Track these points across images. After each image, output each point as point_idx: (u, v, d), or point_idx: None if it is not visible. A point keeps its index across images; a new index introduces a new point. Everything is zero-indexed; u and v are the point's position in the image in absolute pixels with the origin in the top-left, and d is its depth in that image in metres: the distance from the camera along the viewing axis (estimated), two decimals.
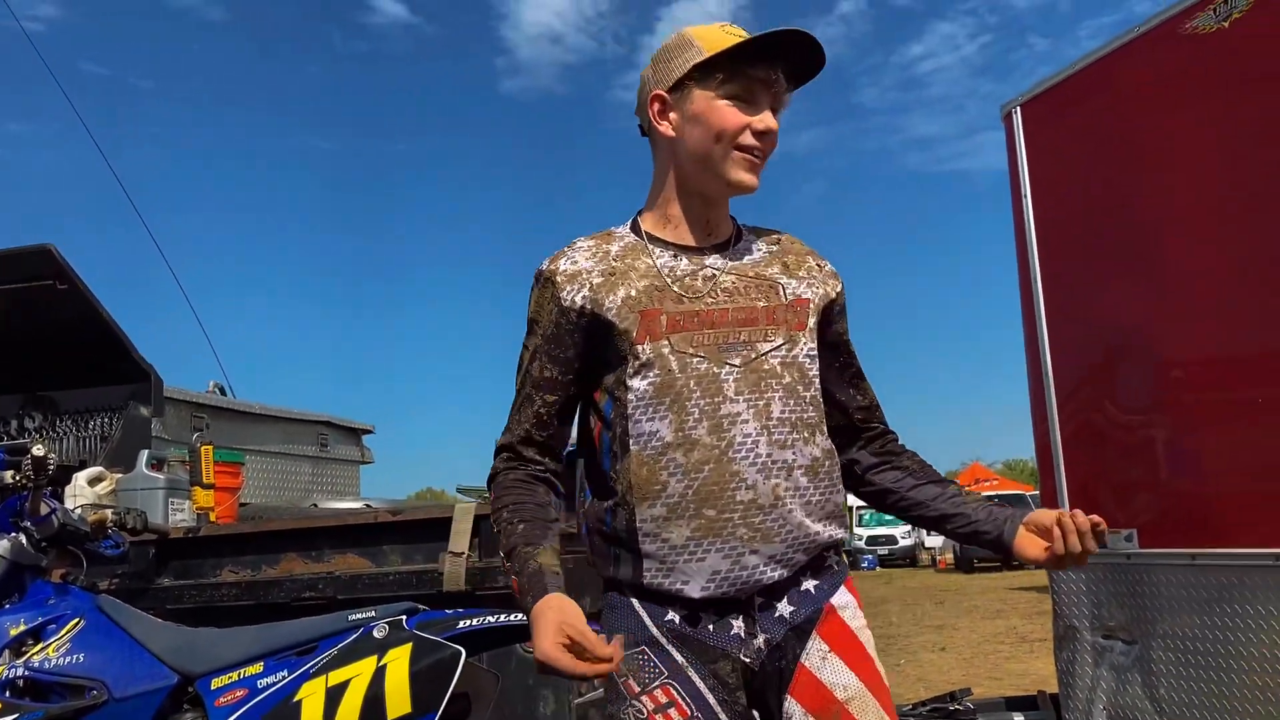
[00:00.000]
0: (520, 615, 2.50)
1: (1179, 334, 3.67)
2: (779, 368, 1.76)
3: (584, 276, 1.80)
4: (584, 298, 1.79)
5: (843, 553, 1.89)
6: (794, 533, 1.73)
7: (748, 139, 1.78)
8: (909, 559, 33.38)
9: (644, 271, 1.80)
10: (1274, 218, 3.31)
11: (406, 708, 2.39)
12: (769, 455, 1.72)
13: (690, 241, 1.85)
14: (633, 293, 1.78)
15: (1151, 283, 3.76)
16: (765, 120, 1.78)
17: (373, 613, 2.59)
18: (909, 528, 32.39)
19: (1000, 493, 29.95)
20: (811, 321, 1.82)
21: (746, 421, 1.72)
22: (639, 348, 1.75)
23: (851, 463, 1.97)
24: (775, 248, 1.91)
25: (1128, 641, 3.79)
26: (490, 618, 2.54)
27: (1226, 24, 3.43)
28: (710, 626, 1.74)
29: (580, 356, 1.81)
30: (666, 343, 1.74)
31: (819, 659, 1.73)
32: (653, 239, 1.85)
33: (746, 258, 1.86)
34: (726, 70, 1.76)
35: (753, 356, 1.75)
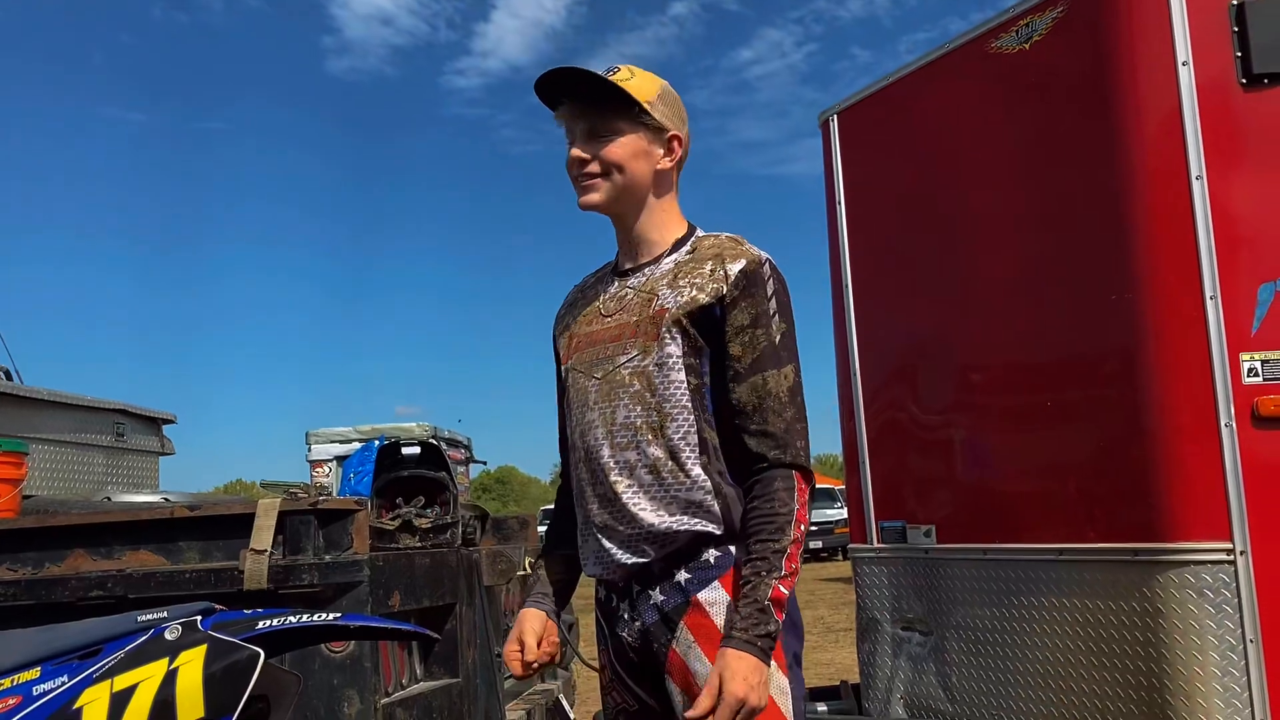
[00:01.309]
0: (324, 615, 2.43)
1: (977, 339, 3.85)
2: (628, 377, 1.98)
3: (559, 316, 2.24)
4: (555, 334, 2.22)
5: (727, 547, 1.94)
6: (635, 524, 1.94)
7: (571, 171, 2.05)
8: None
9: (590, 298, 2.14)
10: (1067, 231, 3.52)
11: (200, 712, 2.27)
12: (611, 456, 1.98)
13: (623, 264, 2.12)
14: (570, 321, 2.16)
15: (953, 289, 3.94)
16: (571, 151, 2.03)
17: (165, 613, 2.46)
18: None
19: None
20: (664, 331, 1.95)
21: (597, 427, 2.00)
22: (562, 368, 2.14)
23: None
24: (689, 256, 2.04)
25: (924, 633, 3.96)
26: (292, 618, 2.45)
27: (1028, 45, 3.62)
28: (612, 604, 2.04)
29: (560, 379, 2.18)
30: (570, 362, 2.10)
31: (686, 646, 1.92)
32: (615, 265, 2.16)
33: (656, 272, 2.05)
34: (556, 113, 2.06)
35: (610, 369, 2.00)
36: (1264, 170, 3.25)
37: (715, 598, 1.92)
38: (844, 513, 18.09)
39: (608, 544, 1.98)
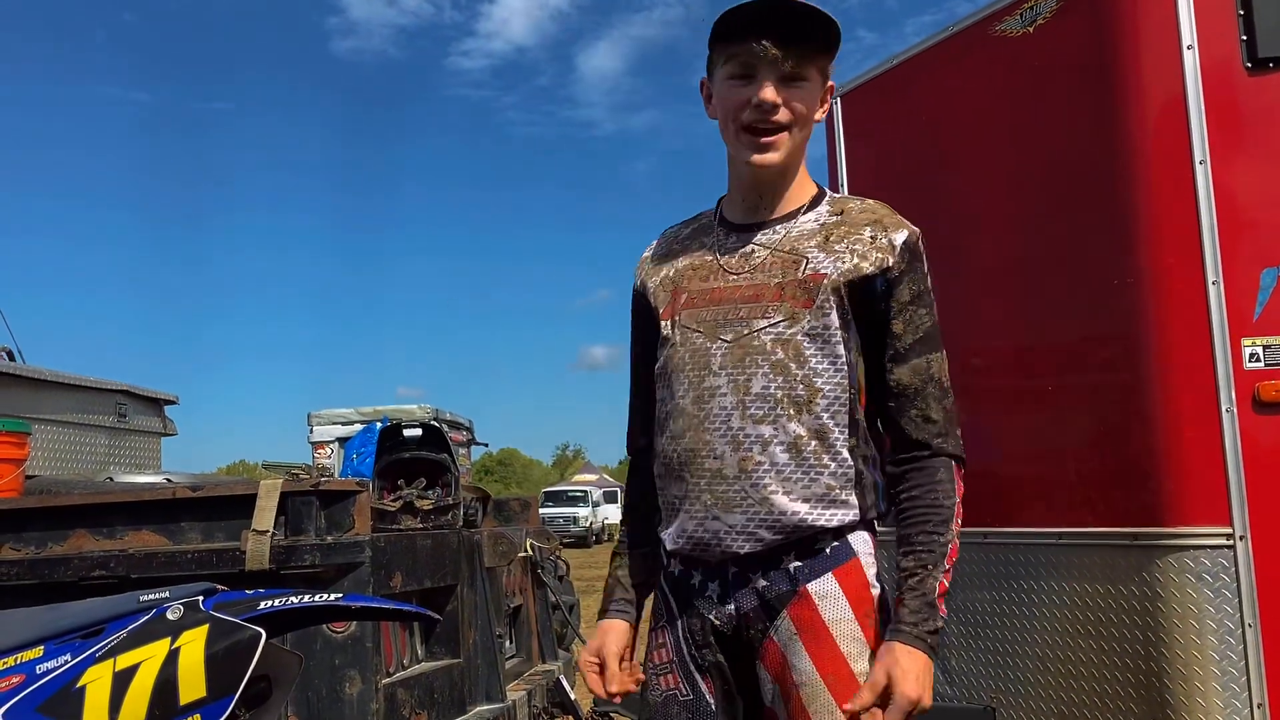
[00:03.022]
0: (325, 596, 2.44)
1: (978, 323, 3.85)
2: (770, 344, 1.79)
3: (646, 261, 2.04)
4: (639, 281, 2.03)
5: (847, 538, 1.82)
6: (758, 507, 1.77)
7: (748, 116, 1.80)
8: None
9: (695, 251, 1.94)
10: (1069, 216, 3.51)
11: (201, 692, 2.29)
12: (741, 429, 1.78)
13: (743, 219, 1.92)
14: (671, 273, 1.95)
15: (955, 273, 3.93)
16: (762, 93, 1.78)
17: (166, 593, 2.47)
18: None
19: None
20: (823, 298, 1.79)
21: (725, 394, 1.80)
22: (662, 324, 1.92)
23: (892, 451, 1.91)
24: (835, 219, 1.88)
25: None
26: (294, 598, 2.46)
27: (1031, 29, 3.60)
28: (694, 582, 1.87)
29: (645, 335, 2.00)
30: (678, 319, 1.88)
31: (787, 637, 1.78)
32: (721, 218, 1.96)
33: (794, 232, 1.87)
34: (725, 48, 1.81)
35: (745, 333, 1.80)
36: (1268, 155, 3.24)
37: (826, 590, 1.78)
38: None
39: (715, 525, 1.79)
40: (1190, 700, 3.11)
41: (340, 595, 2.51)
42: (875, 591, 1.82)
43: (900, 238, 1.84)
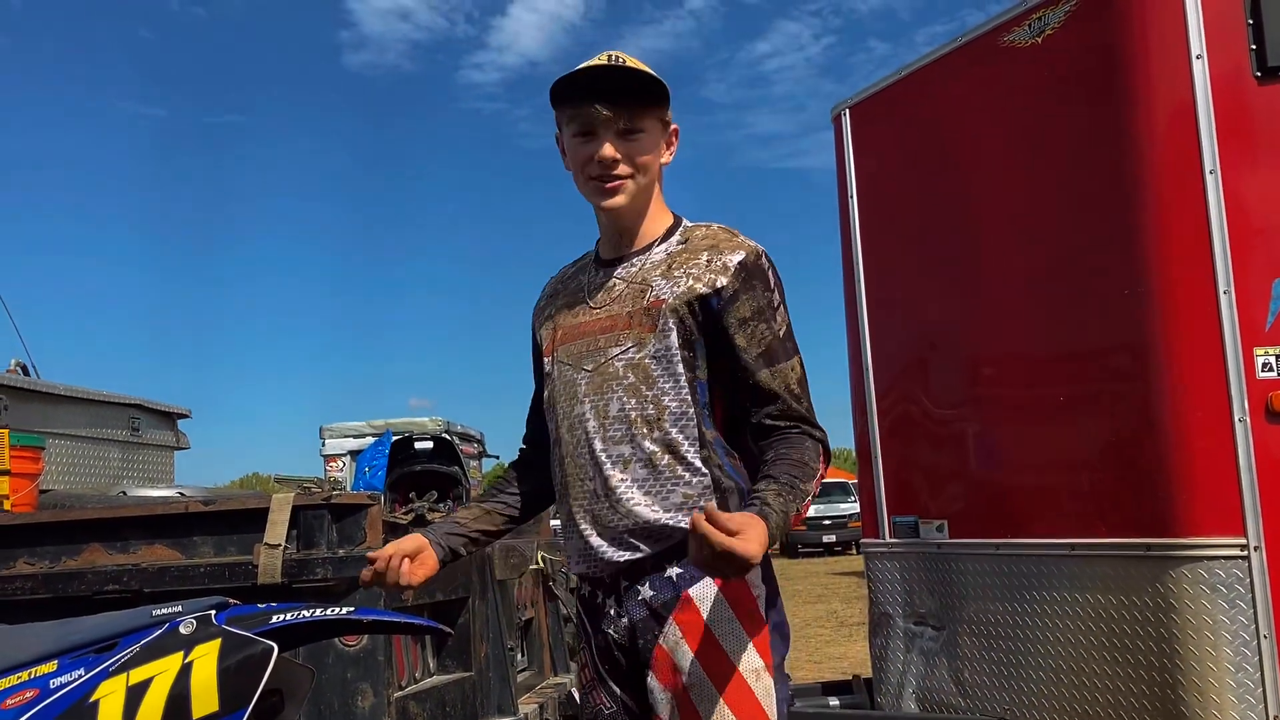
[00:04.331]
0: (337, 609, 2.44)
1: (990, 334, 3.84)
2: (623, 370, 1.93)
3: (537, 306, 2.19)
4: (533, 326, 2.18)
5: None
6: (627, 520, 1.89)
7: (593, 170, 1.95)
8: None
9: (573, 289, 2.09)
10: (1079, 226, 3.50)
11: (214, 706, 2.29)
12: (604, 450, 1.92)
13: (609, 255, 2.06)
14: (552, 311, 2.10)
15: (965, 283, 3.93)
16: (602, 151, 1.92)
17: (179, 607, 2.47)
18: None
19: (824, 480, 30.86)
20: (664, 322, 1.90)
21: (589, 420, 1.94)
22: (545, 360, 2.08)
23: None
24: (681, 246, 2.00)
25: (937, 627, 3.96)
26: (306, 612, 2.46)
27: (1040, 39, 3.60)
28: (598, 601, 1.97)
29: (539, 374, 2.16)
30: (555, 354, 2.04)
31: (674, 642, 1.86)
32: (596, 256, 2.10)
33: (648, 263, 2.00)
34: (566, 110, 1.97)
35: (602, 361, 1.95)
36: (1278, 164, 3.23)
37: (706, 593, 1.86)
38: (857, 507, 18.09)
39: (596, 541, 1.92)
40: (1205, 712, 3.09)
41: (352, 609, 2.51)
42: (756, 592, 1.89)
43: (735, 258, 1.93)
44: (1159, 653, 3.19)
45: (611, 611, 1.95)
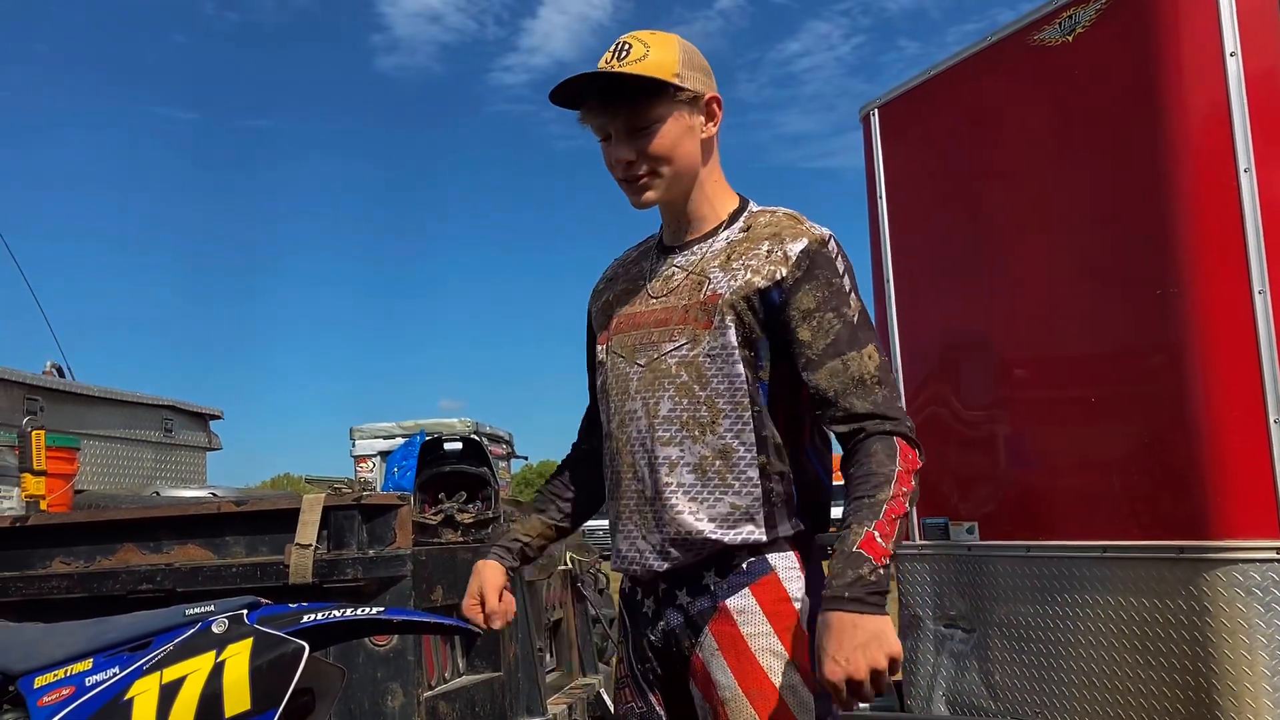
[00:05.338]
0: (367, 609, 2.46)
1: (1020, 334, 3.82)
2: (675, 367, 1.85)
3: (596, 288, 2.12)
4: (589, 307, 2.11)
5: (765, 554, 1.82)
6: (670, 526, 1.82)
7: (618, 172, 1.91)
8: None
9: (633, 275, 2.02)
10: (1111, 226, 3.47)
11: (246, 705, 2.31)
12: (653, 451, 1.85)
13: (669, 239, 1.99)
14: (610, 297, 2.03)
15: (996, 284, 3.90)
16: (616, 153, 1.89)
17: (211, 606, 2.50)
18: None
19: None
20: (720, 318, 1.82)
21: (640, 418, 1.87)
22: (599, 348, 2.01)
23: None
24: (742, 235, 1.90)
25: (967, 630, 3.94)
26: (337, 612, 2.48)
27: (1071, 38, 3.57)
28: (638, 598, 1.95)
29: (592, 359, 2.09)
30: (610, 344, 1.97)
31: (709, 653, 1.82)
32: (659, 241, 2.03)
33: (707, 252, 1.91)
34: (581, 116, 1.91)
35: (655, 356, 1.87)
36: None
37: (744, 605, 1.80)
38: None
39: (641, 543, 1.87)
40: (1240, 717, 3.06)
41: (382, 609, 2.53)
42: (797, 606, 1.81)
43: (797, 247, 1.83)
44: (1192, 657, 3.15)
45: (649, 613, 1.92)
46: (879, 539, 1.64)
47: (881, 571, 1.62)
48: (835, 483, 1.95)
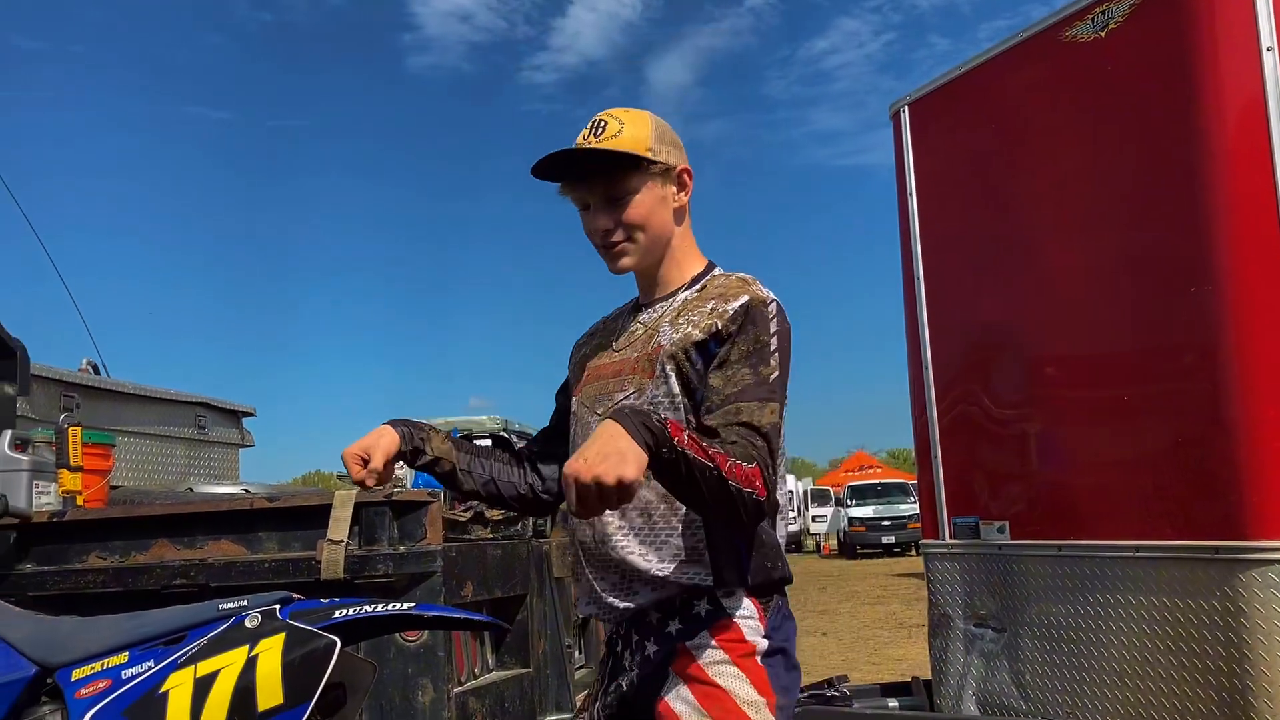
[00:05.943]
0: (398, 605, 2.47)
1: (1051, 333, 3.79)
2: None
3: (580, 338, 2.21)
4: (570, 358, 2.19)
5: (719, 601, 1.86)
6: (623, 566, 1.90)
7: (596, 240, 2.01)
8: (794, 545, 33.98)
9: (609, 331, 2.13)
10: (1144, 223, 3.44)
11: (278, 699, 2.33)
12: None
13: (641, 300, 2.10)
14: (586, 352, 2.13)
15: (1026, 282, 3.88)
16: (593, 224, 1.99)
17: (245, 601, 2.52)
18: (795, 514, 32.90)
19: (884, 481, 30.76)
20: (661, 368, 1.90)
21: None
22: (573, 400, 2.10)
23: None
24: (695, 294, 2.00)
25: (997, 629, 3.92)
26: (368, 607, 2.50)
27: (1103, 34, 3.55)
28: (616, 648, 2.00)
29: (562, 404, 2.19)
30: (578, 395, 2.07)
31: (672, 692, 1.85)
32: (635, 301, 2.13)
33: (666, 309, 2.01)
34: (561, 188, 2.02)
35: (609, 405, 1.95)
36: None
37: (702, 643, 1.86)
38: (916, 508, 17.91)
39: (599, 586, 1.94)
40: (1276, 718, 3.03)
41: (413, 604, 2.55)
42: (756, 644, 1.86)
43: (736, 304, 1.88)
44: (1226, 658, 3.13)
45: (625, 663, 1.97)
46: (687, 436, 1.63)
47: (670, 442, 1.60)
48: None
